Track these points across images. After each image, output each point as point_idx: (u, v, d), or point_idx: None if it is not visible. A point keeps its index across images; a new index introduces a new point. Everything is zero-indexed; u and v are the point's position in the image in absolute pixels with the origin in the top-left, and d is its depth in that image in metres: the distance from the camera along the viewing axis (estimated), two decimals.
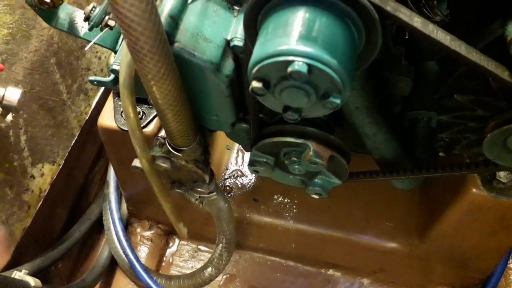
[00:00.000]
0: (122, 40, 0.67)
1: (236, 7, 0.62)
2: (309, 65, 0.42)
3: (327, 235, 1.13)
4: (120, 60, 0.61)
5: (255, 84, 0.46)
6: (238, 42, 0.60)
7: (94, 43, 0.71)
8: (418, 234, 1.09)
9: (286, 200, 1.17)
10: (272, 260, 1.29)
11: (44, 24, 1.01)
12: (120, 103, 0.92)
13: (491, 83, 0.57)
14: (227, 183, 1.21)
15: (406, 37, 0.75)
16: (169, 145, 0.73)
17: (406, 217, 1.12)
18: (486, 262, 1.10)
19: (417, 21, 0.46)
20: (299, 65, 0.42)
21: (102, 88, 1.29)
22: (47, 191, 1.09)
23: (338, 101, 0.46)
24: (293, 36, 0.43)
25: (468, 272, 1.14)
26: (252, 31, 0.51)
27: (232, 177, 1.22)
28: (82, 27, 0.73)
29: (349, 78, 0.46)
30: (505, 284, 1.23)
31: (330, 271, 1.27)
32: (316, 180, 0.75)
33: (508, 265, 1.23)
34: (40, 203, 1.08)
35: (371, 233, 1.12)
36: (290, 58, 0.42)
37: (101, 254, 1.23)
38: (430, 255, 1.11)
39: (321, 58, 0.42)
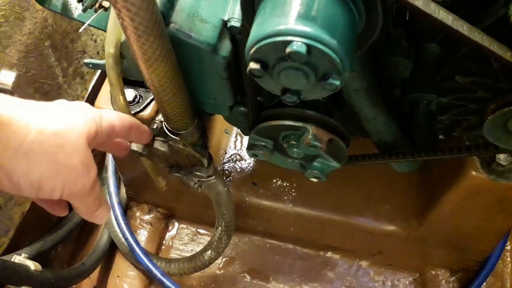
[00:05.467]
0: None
1: None
2: (308, 45, 0.41)
3: (326, 218, 1.14)
4: (106, 41, 0.60)
5: (253, 65, 0.45)
6: (235, 22, 0.58)
7: (89, 25, 0.70)
8: (416, 217, 1.10)
9: (285, 184, 1.17)
10: (271, 243, 1.30)
11: (38, 6, 0.99)
12: None
13: (493, 64, 0.56)
14: (226, 167, 1.20)
15: (407, 18, 0.74)
16: (167, 128, 0.73)
17: (405, 200, 1.12)
18: (484, 244, 1.11)
19: (419, 0, 0.45)
20: (298, 45, 0.41)
21: (99, 72, 1.28)
22: None
23: (337, 82, 0.45)
24: (291, 16, 0.42)
25: (466, 254, 1.15)
26: (249, 11, 0.50)
27: (231, 161, 1.21)
28: (76, 9, 0.72)
29: (349, 59, 0.45)
30: (502, 266, 1.24)
31: (329, 254, 1.28)
32: (315, 163, 0.75)
33: (506, 247, 1.24)
34: None
35: (369, 216, 1.12)
36: (289, 38, 0.41)
37: (101, 238, 1.24)
38: (429, 238, 1.12)
39: (320, 38, 0.41)
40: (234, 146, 1.24)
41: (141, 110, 0.88)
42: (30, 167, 0.46)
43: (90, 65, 0.72)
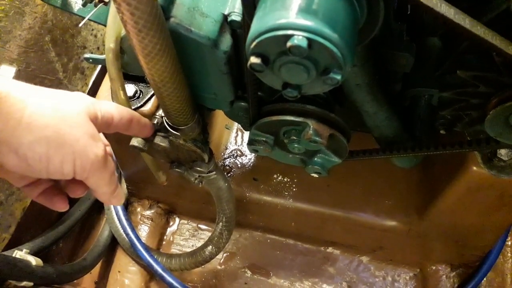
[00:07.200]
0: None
1: None
2: (309, 39, 0.41)
3: (327, 213, 1.14)
4: (106, 35, 0.60)
5: (254, 59, 0.45)
6: (236, 16, 0.58)
7: (89, 19, 0.69)
8: (417, 212, 1.10)
9: (285, 179, 1.17)
10: (271, 238, 1.30)
11: (38, 1, 0.99)
12: None
13: (494, 59, 0.55)
14: (227, 163, 1.20)
15: (408, 12, 0.74)
16: (167, 124, 0.72)
17: (406, 195, 1.12)
18: (485, 239, 1.11)
19: None
20: (299, 39, 0.41)
21: (99, 67, 1.28)
22: None
23: (338, 77, 0.44)
24: (292, 9, 0.41)
25: (466, 249, 1.15)
26: (250, 5, 0.49)
27: (232, 156, 1.21)
28: (76, 3, 0.71)
29: (350, 53, 0.44)
30: (503, 261, 1.24)
31: (329, 249, 1.28)
32: (315, 158, 0.75)
33: (506, 243, 1.24)
34: None
35: (370, 212, 1.12)
36: (290, 32, 0.41)
37: (102, 233, 1.24)
38: (429, 233, 1.12)
39: (321, 32, 0.41)
40: (235, 141, 1.24)
41: (142, 105, 0.88)
42: (35, 138, 0.46)
43: (90, 60, 0.72)
